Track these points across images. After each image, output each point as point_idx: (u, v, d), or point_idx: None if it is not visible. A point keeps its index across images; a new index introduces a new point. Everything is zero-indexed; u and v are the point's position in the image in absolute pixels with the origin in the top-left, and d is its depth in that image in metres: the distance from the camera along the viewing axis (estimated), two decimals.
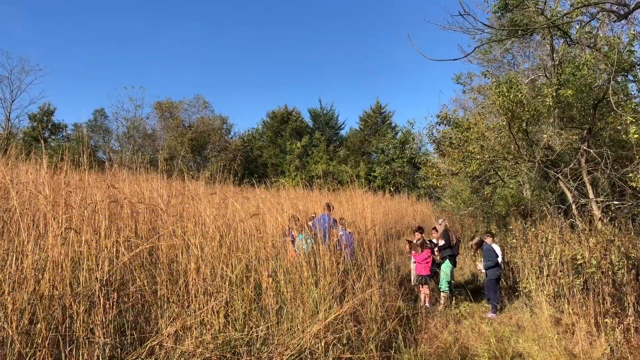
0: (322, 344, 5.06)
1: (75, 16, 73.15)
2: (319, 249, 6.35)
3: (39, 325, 3.72)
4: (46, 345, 3.66)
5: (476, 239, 9.60)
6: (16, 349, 3.51)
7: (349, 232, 8.31)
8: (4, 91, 38.17)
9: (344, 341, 5.41)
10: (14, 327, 3.56)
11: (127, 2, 79.02)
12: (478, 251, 9.92)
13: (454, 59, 7.09)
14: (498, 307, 8.97)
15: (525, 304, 8.57)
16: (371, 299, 6.33)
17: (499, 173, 13.62)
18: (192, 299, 4.85)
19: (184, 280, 5.02)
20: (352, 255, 7.57)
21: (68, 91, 68.84)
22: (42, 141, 16.37)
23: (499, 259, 9.28)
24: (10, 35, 62.59)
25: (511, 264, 10.69)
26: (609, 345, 6.12)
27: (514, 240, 10.22)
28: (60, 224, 4.42)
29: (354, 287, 6.34)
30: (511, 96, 9.60)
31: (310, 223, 8.01)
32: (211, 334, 4.60)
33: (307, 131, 49.53)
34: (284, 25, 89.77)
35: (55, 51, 69.65)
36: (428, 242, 10.07)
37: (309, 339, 4.92)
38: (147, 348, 4.12)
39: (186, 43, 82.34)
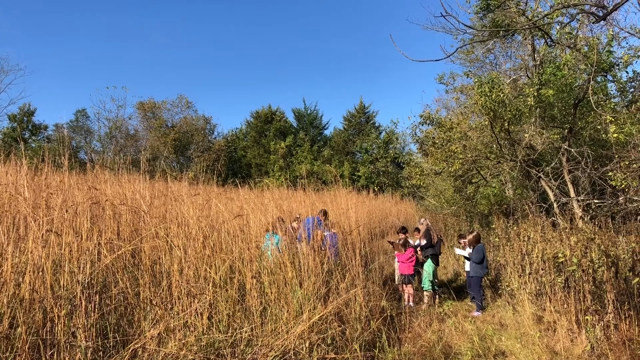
0: (307, 345, 5.06)
1: (55, 14, 72.24)
2: (303, 249, 6.35)
3: (19, 329, 3.67)
4: (26, 349, 3.61)
5: (474, 234, 9.63)
6: None
7: (333, 233, 8.32)
8: None
9: (328, 341, 5.42)
10: None
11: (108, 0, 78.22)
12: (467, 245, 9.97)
13: (436, 60, 7.14)
14: (482, 305, 9.04)
15: (508, 302, 8.65)
16: (355, 299, 6.34)
17: (482, 172, 13.74)
18: (175, 301, 4.83)
19: (167, 282, 4.98)
20: (336, 256, 7.58)
21: (49, 91, 68.05)
22: (21, 142, 16.15)
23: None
24: None
25: (494, 262, 10.79)
26: (589, 342, 6.20)
27: (497, 239, 10.32)
28: (40, 227, 4.36)
29: (338, 287, 6.35)
30: (493, 96, 9.69)
31: (294, 224, 8.00)
32: (195, 336, 4.58)
33: (291, 131, 49.56)
34: (267, 24, 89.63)
35: (34, 50, 68.69)
36: (411, 242, 10.13)
37: (293, 340, 4.91)
38: (129, 351, 4.09)
39: (169, 42, 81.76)
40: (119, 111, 43.58)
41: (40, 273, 4.02)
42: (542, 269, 7.82)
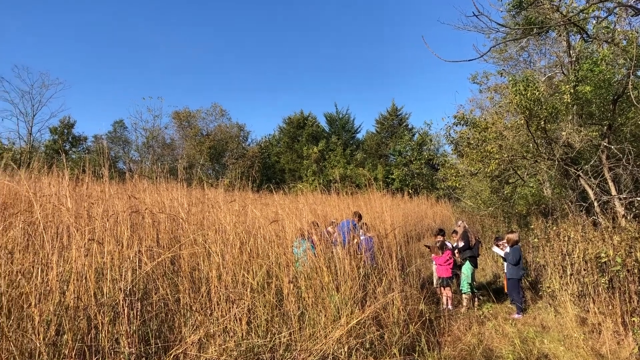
0: (345, 349, 5.05)
1: (91, 28, 74.26)
2: (338, 254, 6.34)
3: (65, 336, 3.77)
4: (73, 355, 3.71)
5: (515, 235, 9.45)
6: None
7: (369, 236, 8.28)
8: (25, 106, 38.86)
9: (367, 346, 5.39)
10: (41, 339, 3.61)
11: (140, 14, 79.92)
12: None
13: (469, 60, 7.03)
14: (523, 307, 8.86)
15: (549, 304, 8.45)
16: (393, 303, 6.30)
17: (519, 172, 13.46)
18: (214, 307, 4.88)
19: (206, 288, 5.05)
20: (372, 259, 7.54)
21: (87, 104, 69.82)
22: (63, 154, 16.62)
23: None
24: (28, 51, 63.74)
25: (533, 263, 10.57)
26: (637, 344, 6.01)
27: (536, 240, 10.10)
28: (83, 236, 4.47)
29: (375, 291, 6.31)
30: (528, 94, 9.50)
31: (330, 228, 8.00)
32: (234, 341, 4.62)
33: (324, 136, 49.59)
34: (296, 30, 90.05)
35: (72, 65, 70.69)
36: (448, 245, 10.01)
37: (332, 344, 4.91)
38: (171, 357, 4.15)
39: (201, 52, 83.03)
40: (155, 121, 44.61)
41: (84, 281, 4.13)
42: (584, 270, 7.62)
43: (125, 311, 4.08)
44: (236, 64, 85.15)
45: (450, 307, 9.21)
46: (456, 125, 14.32)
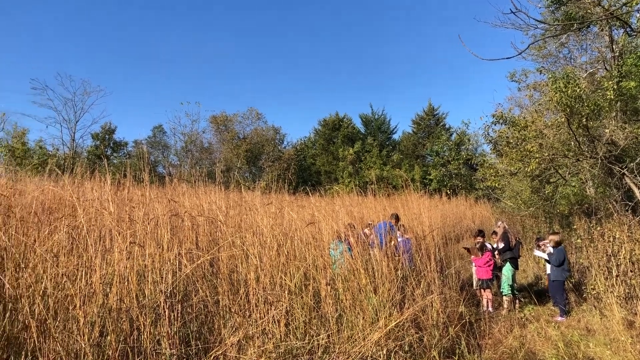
0: (384, 352, 5.01)
1: (127, 36, 76.11)
2: (376, 256, 6.31)
3: (108, 337, 3.86)
4: (116, 356, 3.79)
5: (558, 236, 9.23)
6: None
7: (407, 238, 8.21)
8: (68, 113, 39.96)
9: (406, 348, 5.34)
10: (85, 339, 3.70)
11: (176, 21, 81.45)
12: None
13: (507, 58, 6.87)
14: (566, 309, 8.63)
15: (594, 307, 8.20)
16: (432, 305, 6.22)
17: (560, 171, 13.13)
18: (253, 309, 4.91)
19: (245, 290, 5.09)
20: (410, 261, 7.48)
21: (127, 110, 71.47)
22: (104, 159, 17.06)
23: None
24: (70, 59, 65.76)
25: (577, 264, 10.29)
26: None
27: (579, 240, 9.83)
28: (125, 239, 4.57)
29: (413, 294, 6.25)
30: (569, 91, 9.26)
31: (366, 230, 7.97)
32: (273, 343, 4.64)
33: (359, 137, 49.44)
34: (334, 32, 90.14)
35: (112, 73, 72.57)
36: (488, 246, 9.84)
37: (370, 347, 4.88)
38: (211, 358, 4.20)
39: (235, 56, 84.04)
40: (193, 125, 45.43)
41: (126, 283, 4.22)
42: (630, 271, 7.37)
43: (166, 313, 4.15)
44: (271, 67, 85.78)
45: (490, 309, 9.05)
46: (495, 124, 14.07)
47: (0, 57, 60.66)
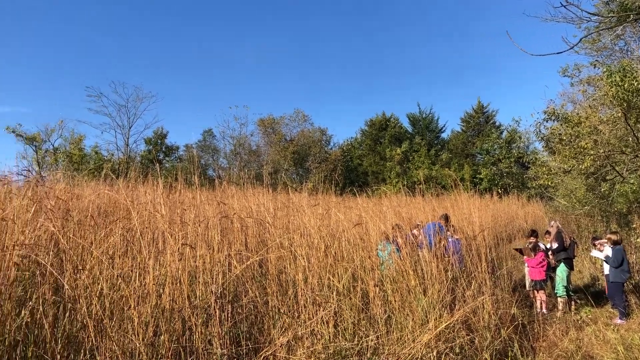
0: (434, 354, 4.94)
1: (177, 43, 77.99)
2: (425, 257, 6.23)
3: (162, 337, 3.96)
4: (169, 356, 3.88)
5: (616, 235, 8.87)
6: None
7: (457, 239, 8.07)
8: (122, 119, 41.34)
9: (457, 350, 5.25)
10: (140, 339, 3.81)
11: (224, 27, 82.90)
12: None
13: (558, 52, 6.66)
14: (626, 312, 8.27)
15: None
16: (483, 307, 6.09)
17: (617, 168, 12.60)
18: (301, 309, 4.93)
19: (293, 291, 5.12)
20: (460, 262, 7.35)
21: (178, 115, 73.22)
22: (157, 163, 17.53)
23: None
24: (123, 67, 67.98)
25: (637, 265, 9.86)
26: None
27: (639, 240, 9.41)
28: (177, 241, 4.68)
29: (464, 295, 6.14)
30: (626, 85, 8.89)
31: (415, 231, 7.88)
32: (322, 344, 4.64)
33: (407, 136, 49.00)
34: (376, 32, 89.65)
35: (163, 78, 74.52)
36: (541, 246, 9.56)
37: (420, 349, 4.81)
38: (261, 358, 4.24)
39: (282, 59, 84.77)
40: (241, 129, 46.05)
41: (178, 284, 4.31)
42: None
43: (217, 313, 4.22)
44: (316, 69, 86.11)
45: (544, 311, 8.79)
46: (546, 121, 13.66)
47: (57, 67, 63.49)
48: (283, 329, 4.72)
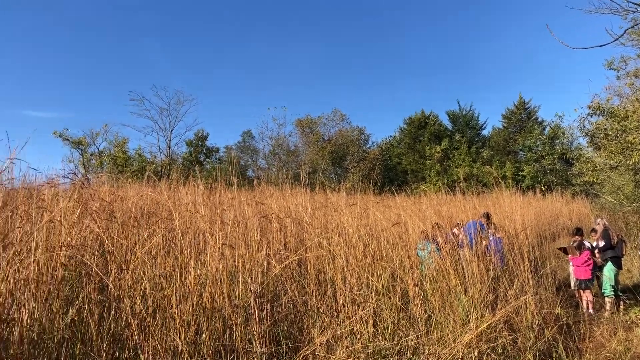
0: (475, 354, 4.86)
1: (215, 45, 79.12)
2: (466, 256, 6.14)
3: (203, 335, 4.03)
4: (210, 354, 3.94)
5: None
6: (185, 358, 3.83)
7: (498, 237, 7.92)
8: (164, 121, 42.34)
9: (499, 350, 5.15)
10: (182, 338, 3.88)
11: (257, 28, 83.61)
12: None
13: (602, 45, 6.44)
14: None
15: None
16: (526, 306, 5.95)
17: None
18: (340, 309, 4.93)
19: (332, 290, 5.12)
20: (502, 261, 7.21)
21: (218, 117, 74.26)
22: (196, 165, 17.86)
23: None
24: (162, 71, 69.52)
25: None
26: None
27: None
28: (217, 241, 4.74)
29: (506, 294, 6.02)
30: None
31: (455, 230, 7.77)
32: (361, 343, 4.63)
33: (447, 134, 48.38)
34: (414, 29, 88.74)
35: (203, 82, 75.76)
36: (586, 244, 9.27)
37: (461, 349, 4.74)
38: (300, 357, 4.26)
39: (320, 59, 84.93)
40: (280, 129, 46.45)
41: (218, 283, 4.37)
42: None
43: (256, 312, 4.26)
44: (354, 68, 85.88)
45: (591, 311, 8.52)
46: (591, 116, 13.28)
47: (101, 73, 65.47)
48: (322, 328, 4.72)
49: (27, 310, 3.73)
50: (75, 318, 4.02)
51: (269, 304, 4.55)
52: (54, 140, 40.36)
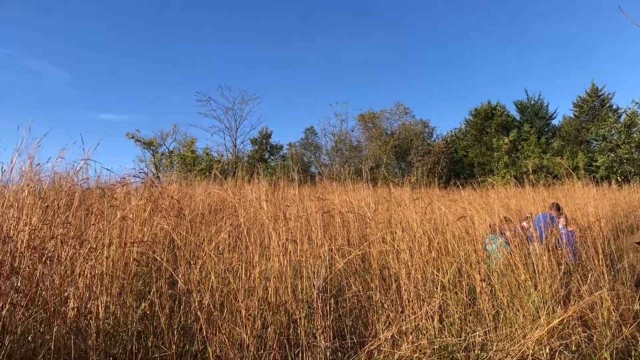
0: (547, 351, 4.68)
1: (278, 43, 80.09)
2: (535, 249, 5.92)
3: (269, 329, 4.10)
4: (276, 347, 4.01)
5: None
6: (251, 352, 3.91)
7: (570, 230, 7.59)
8: (229, 121, 43.52)
9: (573, 348, 4.93)
10: (248, 331, 3.97)
11: (315, 26, 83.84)
12: None
13: None
14: None
15: None
16: (601, 302, 5.67)
17: None
18: (405, 304, 4.88)
19: (396, 286, 5.08)
20: (574, 255, 6.90)
21: (281, 115, 75.29)
22: (261, 162, 18.21)
23: None
24: (227, 70, 71.22)
25: None
26: None
27: None
28: (280, 236, 4.81)
29: (579, 290, 5.76)
30: None
31: (524, 223, 7.52)
32: (427, 339, 4.57)
33: (515, 125, 46.76)
34: (476, 18, 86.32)
35: (266, 79, 76.98)
36: None
37: (531, 345, 4.58)
38: (365, 352, 4.25)
39: (382, 53, 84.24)
40: (342, 125, 46.60)
41: (282, 278, 4.44)
42: None
43: (320, 307, 4.28)
44: (416, 60, 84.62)
45: None
46: None
47: (169, 74, 68.02)
48: (387, 324, 4.70)
49: (102, 304, 3.93)
50: (147, 311, 4.20)
51: (332, 299, 4.57)
52: (127, 142, 42.43)
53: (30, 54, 68.59)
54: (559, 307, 5.12)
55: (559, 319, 4.80)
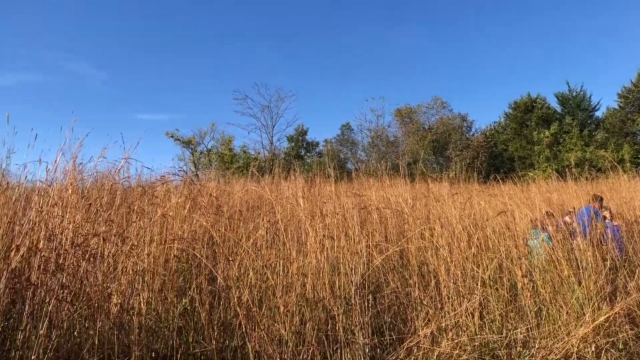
0: (592, 349, 4.54)
1: (312, 40, 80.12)
2: (579, 245, 5.75)
3: (307, 325, 4.11)
4: (314, 343, 4.02)
5: None
6: (290, 347, 3.93)
7: (616, 225, 7.34)
8: (265, 118, 43.87)
9: (620, 346, 4.77)
10: (286, 327, 3.99)
11: (350, 20, 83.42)
12: None
13: None
14: None
15: None
16: None
17: None
18: (444, 301, 4.82)
19: (435, 282, 5.02)
20: (620, 250, 6.68)
21: (316, 111, 75.34)
22: (297, 159, 18.28)
23: None
24: (264, 68, 71.75)
25: None
26: None
27: None
28: (317, 233, 4.82)
29: (626, 286, 5.56)
30: None
31: (567, 218, 7.31)
32: (467, 336, 4.50)
33: (556, 117, 45.48)
34: (515, 12, 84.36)
35: (302, 76, 77.14)
36: None
37: (576, 343, 4.46)
38: (404, 348, 4.22)
39: (419, 47, 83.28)
40: (378, 121, 46.31)
41: (320, 275, 4.44)
42: None
43: (358, 304, 4.27)
44: (454, 53, 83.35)
45: None
46: None
47: (207, 74, 69.06)
48: (426, 320, 4.65)
49: (144, 300, 4.02)
50: (188, 307, 4.27)
51: (370, 295, 4.55)
52: (166, 141, 43.32)
53: (73, 56, 70.60)
54: (605, 304, 4.96)
55: (605, 316, 4.66)
